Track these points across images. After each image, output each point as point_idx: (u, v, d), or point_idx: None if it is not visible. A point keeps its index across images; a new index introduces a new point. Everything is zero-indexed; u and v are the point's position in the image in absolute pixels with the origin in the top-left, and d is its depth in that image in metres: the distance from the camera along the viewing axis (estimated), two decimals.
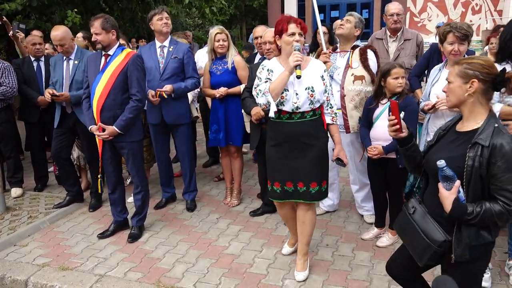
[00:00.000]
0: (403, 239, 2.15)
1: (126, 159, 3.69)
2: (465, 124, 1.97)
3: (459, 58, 2.54)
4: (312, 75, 2.85)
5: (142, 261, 3.40)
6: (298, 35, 2.76)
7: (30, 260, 3.45)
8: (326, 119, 2.96)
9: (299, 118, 2.84)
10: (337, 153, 3.00)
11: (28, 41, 4.83)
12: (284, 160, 2.92)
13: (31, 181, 5.17)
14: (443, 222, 1.93)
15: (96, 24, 3.48)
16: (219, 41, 4.14)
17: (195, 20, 20.52)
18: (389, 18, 4.49)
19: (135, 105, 3.54)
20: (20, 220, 4.16)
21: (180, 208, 4.42)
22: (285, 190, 2.96)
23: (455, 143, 1.96)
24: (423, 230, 1.96)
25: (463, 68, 1.91)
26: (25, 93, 4.76)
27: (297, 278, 3.05)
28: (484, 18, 11.26)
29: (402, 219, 2.13)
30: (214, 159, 5.92)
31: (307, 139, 2.87)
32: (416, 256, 2.01)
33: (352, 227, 3.85)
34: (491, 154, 1.78)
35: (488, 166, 1.80)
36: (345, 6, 14.04)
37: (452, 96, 1.97)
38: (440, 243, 1.89)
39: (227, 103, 4.23)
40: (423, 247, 1.95)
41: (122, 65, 3.51)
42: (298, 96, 2.79)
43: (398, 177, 3.31)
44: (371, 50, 3.69)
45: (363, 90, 3.62)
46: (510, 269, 2.98)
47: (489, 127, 1.85)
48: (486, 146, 1.80)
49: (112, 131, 3.51)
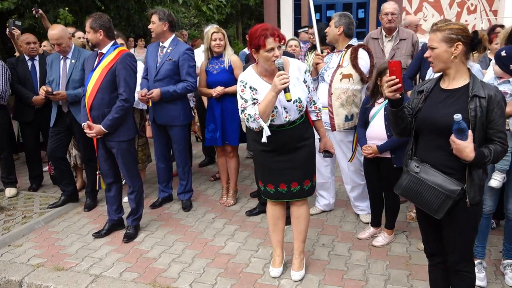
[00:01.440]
0: (413, 200, 2.26)
1: (117, 159, 3.67)
2: (452, 82, 2.17)
3: None
4: (296, 85, 2.76)
5: (137, 261, 3.39)
6: (278, 48, 2.61)
7: (24, 261, 3.43)
8: (311, 116, 2.99)
9: (289, 125, 2.84)
10: (323, 145, 3.05)
11: (23, 40, 4.79)
12: (276, 164, 2.91)
13: (26, 181, 5.14)
14: (449, 172, 2.12)
15: (87, 23, 3.53)
16: (216, 40, 4.13)
17: (191, 19, 20.48)
18: (383, 17, 4.50)
19: (120, 105, 3.50)
20: (15, 220, 4.13)
21: (176, 208, 4.41)
22: (279, 191, 2.96)
23: (450, 99, 2.14)
24: (437, 184, 2.11)
25: (446, 34, 2.10)
26: (19, 93, 4.73)
27: (294, 278, 3.04)
28: (479, 18, 11.30)
29: (408, 182, 2.24)
30: (210, 158, 5.91)
31: (298, 142, 2.88)
32: (433, 211, 2.15)
33: (348, 227, 3.85)
34: (489, 103, 2.03)
35: (486, 114, 2.04)
36: (341, 6, 14.04)
37: (439, 61, 2.14)
38: (458, 191, 2.07)
39: (224, 102, 4.22)
40: (441, 200, 2.10)
41: (111, 64, 3.49)
42: (287, 110, 2.76)
43: (393, 176, 3.30)
44: (364, 49, 3.69)
45: (350, 88, 3.63)
46: (505, 268, 2.99)
47: (476, 82, 2.11)
48: (483, 97, 2.04)
49: (99, 130, 3.50)
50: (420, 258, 3.26)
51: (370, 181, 3.55)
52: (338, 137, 3.77)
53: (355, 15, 13.42)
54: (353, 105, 3.60)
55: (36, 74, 4.80)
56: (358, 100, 3.65)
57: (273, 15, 12.54)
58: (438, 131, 2.13)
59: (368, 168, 3.52)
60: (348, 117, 3.64)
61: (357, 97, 3.64)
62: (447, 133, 2.05)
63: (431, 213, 2.17)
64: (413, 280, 2.99)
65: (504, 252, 3.03)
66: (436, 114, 2.14)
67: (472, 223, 2.21)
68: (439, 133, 2.12)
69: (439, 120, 2.11)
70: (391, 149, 3.29)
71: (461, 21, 10.84)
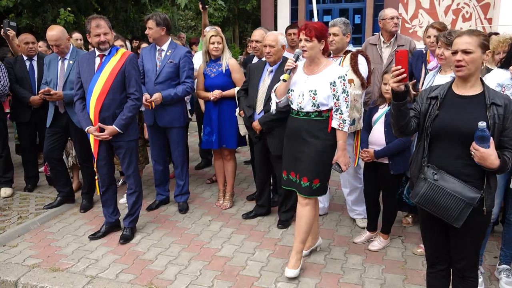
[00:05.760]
0: (430, 208, 2.19)
1: (122, 159, 3.68)
2: (470, 89, 2.16)
3: (444, 62, 3.00)
4: (320, 80, 2.99)
5: (134, 262, 3.38)
6: (304, 41, 2.94)
7: (20, 261, 3.41)
8: (332, 123, 3.01)
9: (304, 116, 3.05)
10: (336, 158, 3.07)
11: (21, 40, 4.77)
12: (290, 150, 3.15)
13: (21, 181, 5.12)
14: (468, 180, 2.11)
15: (103, 23, 3.50)
16: (214, 43, 4.15)
17: (188, 22, 20.50)
18: (389, 21, 4.53)
19: (133, 103, 3.57)
20: (10, 221, 4.11)
21: (172, 210, 4.41)
22: (290, 179, 3.16)
23: (470, 105, 2.13)
24: (457, 192, 2.10)
25: (482, 39, 2.10)
26: (17, 93, 4.70)
27: (287, 275, 3.07)
28: (474, 26, 11.42)
29: (426, 189, 2.17)
30: (207, 161, 5.91)
31: (306, 135, 3.03)
32: (452, 219, 2.12)
33: (344, 231, 3.87)
34: (505, 111, 2.06)
35: (503, 121, 2.06)
36: (338, 11, 14.13)
37: (473, 65, 2.10)
38: (478, 199, 2.08)
39: (221, 106, 4.23)
40: (461, 208, 2.09)
41: (119, 64, 3.52)
42: (303, 97, 3.00)
43: (390, 181, 3.36)
44: (362, 56, 3.73)
45: (352, 93, 3.65)
46: (500, 273, 3.02)
47: (490, 89, 2.15)
48: (500, 105, 2.07)
49: (112, 131, 3.51)
50: (415, 262, 3.28)
51: (368, 185, 3.57)
52: None
53: (352, 20, 13.52)
54: (354, 109, 3.63)
55: (34, 74, 4.78)
56: (359, 105, 3.68)
57: (270, 19, 12.59)
58: (458, 138, 2.11)
59: (367, 172, 3.55)
60: (350, 121, 3.67)
61: (358, 102, 3.67)
62: (467, 140, 2.04)
63: (449, 221, 2.13)
64: (408, 285, 3.01)
65: (501, 257, 3.07)
66: (458, 121, 2.11)
67: (484, 229, 2.24)
68: (459, 140, 2.11)
69: (460, 127, 2.09)
70: (388, 156, 3.32)
71: (456, 28, 10.95)
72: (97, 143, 3.60)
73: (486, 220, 2.21)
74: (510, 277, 2.97)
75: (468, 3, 11.65)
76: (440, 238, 2.31)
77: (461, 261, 2.25)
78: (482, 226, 2.21)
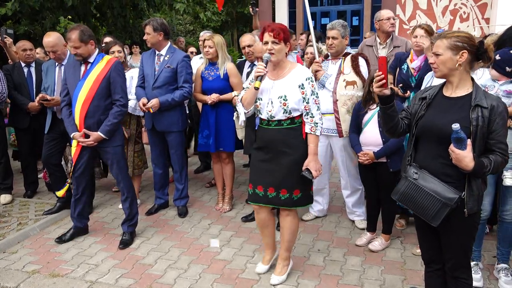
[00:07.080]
0: (410, 206, 2.25)
1: (111, 165, 3.71)
2: (456, 90, 2.18)
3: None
4: (288, 84, 2.84)
5: (133, 267, 3.39)
6: (271, 43, 2.76)
7: (19, 267, 3.42)
8: (305, 128, 2.88)
9: (276, 125, 2.89)
10: (307, 163, 2.86)
11: (19, 47, 4.80)
12: (262, 164, 2.96)
13: (21, 188, 5.12)
14: (448, 180, 2.12)
15: (74, 37, 3.46)
16: (206, 47, 4.18)
17: (186, 26, 20.56)
18: (385, 22, 4.55)
19: (119, 110, 3.59)
20: (10, 227, 4.11)
21: (171, 214, 4.41)
22: (267, 195, 2.94)
23: (454, 107, 2.15)
24: (435, 192, 2.12)
25: (452, 41, 2.10)
26: (15, 99, 4.72)
27: (271, 281, 3.06)
28: (472, 26, 11.45)
29: (405, 188, 2.23)
30: (206, 164, 5.92)
31: (281, 146, 2.88)
32: (430, 218, 2.16)
33: (344, 232, 3.87)
34: (491, 113, 2.04)
35: (488, 124, 2.04)
36: (335, 13, 14.17)
37: (443, 67, 2.14)
38: (456, 200, 2.08)
39: (219, 109, 4.25)
40: (437, 208, 2.11)
41: (104, 71, 3.55)
42: (272, 104, 2.84)
43: (390, 180, 3.36)
44: (362, 58, 3.76)
45: (355, 94, 3.69)
46: (499, 272, 3.02)
47: (479, 91, 2.12)
48: (486, 107, 2.05)
49: (97, 137, 3.53)
50: (415, 263, 3.28)
51: (367, 186, 3.58)
52: (341, 143, 3.81)
53: (349, 22, 13.56)
54: None
55: (32, 80, 4.80)
56: None
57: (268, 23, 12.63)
58: (439, 139, 2.14)
59: (364, 174, 3.55)
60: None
61: None
62: (448, 141, 2.05)
63: (427, 220, 2.17)
64: (408, 285, 3.01)
65: (499, 256, 3.07)
66: (438, 122, 2.14)
67: (470, 231, 2.21)
68: (440, 141, 2.13)
69: (441, 128, 2.11)
70: (388, 154, 3.33)
71: (454, 29, 10.98)
72: (79, 148, 3.62)
73: (471, 222, 2.18)
74: (509, 276, 2.97)
75: (466, 3, 11.69)
76: (432, 237, 2.33)
77: (449, 260, 2.27)
78: (467, 227, 2.19)
